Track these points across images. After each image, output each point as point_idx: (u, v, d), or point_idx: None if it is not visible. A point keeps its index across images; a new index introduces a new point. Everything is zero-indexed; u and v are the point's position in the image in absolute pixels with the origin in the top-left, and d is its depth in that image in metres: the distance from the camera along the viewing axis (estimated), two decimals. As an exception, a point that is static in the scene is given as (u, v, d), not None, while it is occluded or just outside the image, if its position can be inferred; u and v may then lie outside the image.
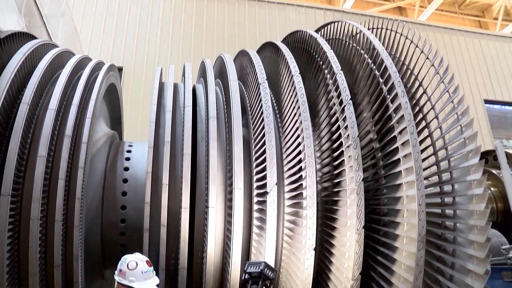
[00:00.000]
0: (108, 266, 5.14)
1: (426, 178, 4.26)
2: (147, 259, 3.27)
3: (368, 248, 3.94)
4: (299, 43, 5.40)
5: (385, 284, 3.77)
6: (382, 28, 5.09)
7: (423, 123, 4.37)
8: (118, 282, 3.22)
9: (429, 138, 4.32)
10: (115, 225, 4.66)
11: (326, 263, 3.92)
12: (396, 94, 3.94)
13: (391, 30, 4.90)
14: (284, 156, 4.13)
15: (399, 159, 3.83)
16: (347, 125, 3.89)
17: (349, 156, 3.82)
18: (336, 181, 3.96)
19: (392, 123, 3.95)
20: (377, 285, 3.88)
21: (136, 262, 3.20)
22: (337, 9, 14.45)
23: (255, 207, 3.93)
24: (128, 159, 4.90)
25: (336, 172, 4.00)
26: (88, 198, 4.36)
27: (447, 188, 4.26)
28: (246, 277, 3.27)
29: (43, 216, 4.07)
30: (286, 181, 4.02)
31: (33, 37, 5.37)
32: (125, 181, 4.74)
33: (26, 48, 4.71)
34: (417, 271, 3.49)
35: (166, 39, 11.88)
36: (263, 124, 4.01)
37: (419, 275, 3.50)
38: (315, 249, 3.65)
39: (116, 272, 3.25)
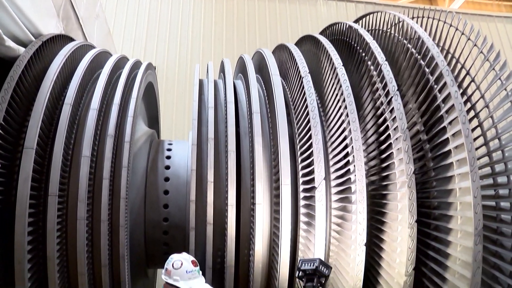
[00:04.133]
0: (151, 265, 5.16)
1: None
2: (194, 259, 3.24)
3: (418, 242, 3.78)
4: (338, 35, 5.28)
5: (438, 280, 3.63)
6: (423, 17, 4.93)
7: (472, 113, 4.21)
8: (164, 280, 3.21)
9: (479, 128, 4.15)
10: (158, 224, 4.66)
11: (376, 259, 3.81)
12: (445, 84, 3.79)
13: (433, 19, 4.74)
14: (330, 150, 4.04)
15: (450, 150, 3.68)
16: (395, 116, 3.77)
17: (398, 148, 3.70)
18: (384, 174, 3.85)
19: (441, 113, 3.79)
20: (429, 281, 3.74)
21: (181, 262, 3.18)
22: (369, 1, 14.14)
23: (302, 202, 3.85)
24: (168, 157, 4.90)
25: (384, 165, 3.88)
26: (130, 198, 4.37)
27: (502, 179, 4.08)
28: (300, 274, 3.19)
29: (89, 216, 4.10)
30: (333, 176, 3.92)
31: (71, 39, 5.45)
32: (166, 179, 4.73)
33: (67, 50, 4.76)
34: (475, 266, 3.33)
35: (197, 38, 11.89)
36: (308, 118, 3.93)
37: (477, 271, 3.34)
38: (365, 244, 3.54)
39: (163, 271, 3.23)
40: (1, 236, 3.82)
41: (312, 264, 3.14)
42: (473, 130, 4.03)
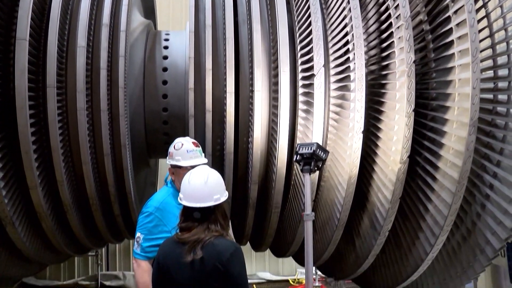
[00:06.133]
0: (153, 155, 5.32)
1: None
2: (194, 140, 3.31)
3: (414, 133, 3.86)
4: None
5: (431, 169, 3.75)
6: None
7: (480, 2, 4.04)
8: (169, 164, 3.29)
9: (485, 19, 4.02)
10: (157, 114, 4.74)
11: (372, 147, 3.90)
12: (453, -30, 3.58)
13: None
14: (329, 38, 3.95)
15: (452, 40, 3.59)
16: (397, 4, 3.63)
17: (400, 37, 3.62)
18: (384, 64, 3.81)
19: (446, 2, 3.64)
20: (423, 170, 3.86)
21: (182, 143, 3.26)
22: None
23: (301, 90, 3.87)
24: (166, 47, 4.83)
25: (384, 54, 3.83)
26: (129, 88, 4.39)
27: (503, 72, 4.05)
28: (297, 158, 3.28)
29: (88, 107, 4.16)
30: (332, 64, 3.90)
31: None
32: (165, 69, 4.72)
33: None
34: (467, 155, 3.42)
35: None
36: (308, 5, 3.81)
37: (468, 160, 3.45)
38: (363, 132, 3.61)
39: (167, 156, 3.31)
40: (5, 130, 3.89)
41: (309, 148, 3.22)
42: (479, 21, 3.91)
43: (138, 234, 3.19)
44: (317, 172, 3.72)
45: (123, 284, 7.73)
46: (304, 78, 3.85)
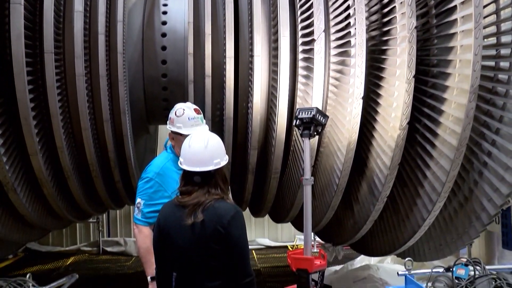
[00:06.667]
0: (152, 121, 5.33)
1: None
2: (196, 107, 3.26)
3: (414, 100, 3.84)
4: None
5: (430, 136, 3.75)
6: None
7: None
8: (169, 130, 3.27)
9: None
10: (156, 80, 4.73)
11: (372, 114, 3.90)
12: None
13: None
14: (330, 3, 3.89)
15: (455, 6, 3.53)
16: (400, -32, 3.55)
17: (401, 2, 3.55)
18: (385, 29, 3.76)
19: (450, -36, 3.57)
20: (422, 137, 3.87)
21: (184, 109, 3.19)
22: None
23: (301, 56, 3.84)
24: (165, 12, 4.79)
25: (385, 20, 3.78)
26: (128, 54, 4.36)
27: (506, 39, 3.99)
28: (297, 122, 3.28)
29: (87, 73, 4.13)
30: (332, 29, 3.85)
31: None
32: (163, 35, 4.69)
33: None
34: (466, 122, 3.42)
35: None
36: (309, -32, 3.72)
37: (467, 127, 3.45)
38: (362, 98, 3.59)
39: (168, 121, 3.28)
40: (4, 96, 3.86)
41: (309, 112, 3.20)
42: (483, -16, 3.83)
43: (138, 200, 3.20)
44: (317, 137, 3.73)
45: (124, 250, 7.91)
46: (304, 43, 3.82)
